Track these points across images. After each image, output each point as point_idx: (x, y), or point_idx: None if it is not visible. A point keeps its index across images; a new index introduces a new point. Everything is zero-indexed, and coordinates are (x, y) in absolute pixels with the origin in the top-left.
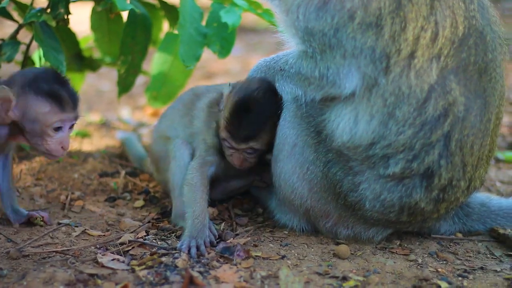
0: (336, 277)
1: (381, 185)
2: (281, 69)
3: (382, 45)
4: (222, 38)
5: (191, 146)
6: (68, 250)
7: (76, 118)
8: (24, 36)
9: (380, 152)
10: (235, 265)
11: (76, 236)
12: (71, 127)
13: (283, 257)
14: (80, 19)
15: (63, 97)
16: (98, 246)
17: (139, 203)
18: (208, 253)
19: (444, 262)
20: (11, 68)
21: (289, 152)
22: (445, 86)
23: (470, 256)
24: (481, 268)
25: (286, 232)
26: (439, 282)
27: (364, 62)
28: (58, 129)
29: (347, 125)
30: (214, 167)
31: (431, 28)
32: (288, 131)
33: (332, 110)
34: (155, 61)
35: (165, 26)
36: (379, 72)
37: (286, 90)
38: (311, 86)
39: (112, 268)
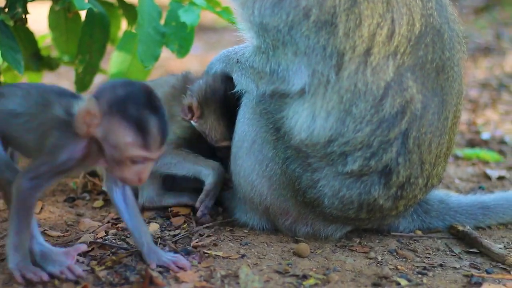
0: (296, 276)
1: (340, 182)
2: (237, 61)
3: (335, 43)
4: (181, 37)
5: None
6: None
7: (156, 154)
8: None
9: (338, 149)
10: (195, 264)
11: None
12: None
13: (243, 256)
14: (38, 18)
15: (151, 131)
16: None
17: (99, 203)
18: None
19: (404, 259)
20: None
21: (248, 149)
22: (402, 83)
23: (429, 254)
24: (441, 265)
25: (246, 231)
26: (399, 280)
27: (315, 59)
28: (136, 162)
29: (305, 122)
30: None
31: (387, 25)
32: (248, 128)
33: (291, 107)
34: (114, 60)
35: (124, 24)
36: (330, 69)
37: (242, 82)
38: (262, 81)
39: None
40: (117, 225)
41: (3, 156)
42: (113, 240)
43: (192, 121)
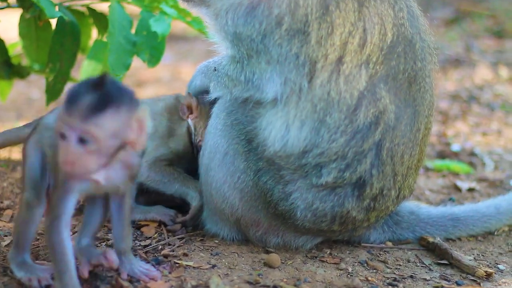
0: (267, 286)
1: (313, 195)
2: (215, 70)
3: (308, 51)
4: (152, 47)
5: None
6: None
7: (78, 128)
8: None
9: (312, 161)
10: (166, 274)
11: (6, 245)
12: (84, 141)
13: (213, 266)
14: (8, 26)
15: (69, 94)
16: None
17: None
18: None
19: (374, 270)
20: None
21: (220, 160)
22: (375, 93)
23: (399, 265)
24: (411, 276)
25: (217, 241)
26: None
27: (288, 68)
28: (62, 136)
29: (279, 132)
30: None
31: (359, 34)
32: (220, 140)
33: (264, 117)
34: (84, 69)
35: (94, 33)
36: (303, 77)
37: (217, 90)
38: (237, 88)
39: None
40: None
41: (35, 175)
42: None
43: (188, 119)
